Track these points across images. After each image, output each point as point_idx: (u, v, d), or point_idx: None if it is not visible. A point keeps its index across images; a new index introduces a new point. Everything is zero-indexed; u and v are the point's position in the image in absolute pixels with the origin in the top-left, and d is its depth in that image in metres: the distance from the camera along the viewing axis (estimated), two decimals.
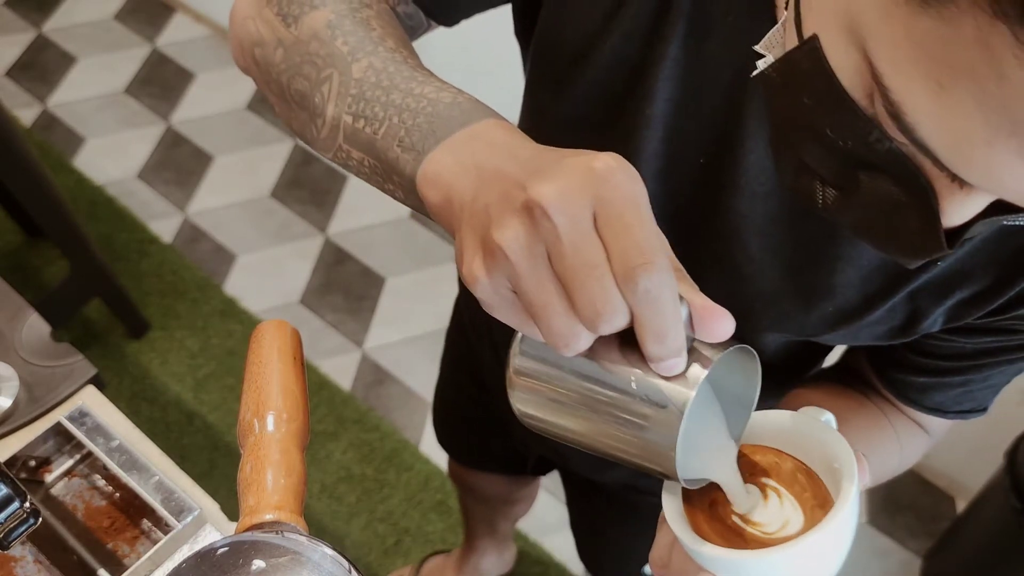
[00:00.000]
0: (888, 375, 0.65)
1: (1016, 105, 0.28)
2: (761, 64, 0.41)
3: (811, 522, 0.47)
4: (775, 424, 0.51)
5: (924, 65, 0.30)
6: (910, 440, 0.68)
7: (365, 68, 0.48)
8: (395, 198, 0.48)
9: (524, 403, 0.44)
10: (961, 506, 1.78)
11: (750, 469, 0.51)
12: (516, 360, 0.43)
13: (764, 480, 0.50)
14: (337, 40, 0.49)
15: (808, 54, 0.36)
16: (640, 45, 0.51)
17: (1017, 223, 0.37)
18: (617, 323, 0.36)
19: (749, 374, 0.45)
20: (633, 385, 0.39)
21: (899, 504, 1.80)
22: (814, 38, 0.36)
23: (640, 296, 0.35)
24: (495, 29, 0.91)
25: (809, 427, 0.50)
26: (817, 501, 0.48)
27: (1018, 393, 1.50)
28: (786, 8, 0.43)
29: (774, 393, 0.71)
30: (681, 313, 0.37)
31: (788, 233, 0.54)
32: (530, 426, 0.45)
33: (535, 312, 0.37)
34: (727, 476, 0.48)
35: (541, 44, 0.57)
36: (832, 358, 0.75)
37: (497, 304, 0.38)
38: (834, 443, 0.48)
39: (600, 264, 0.35)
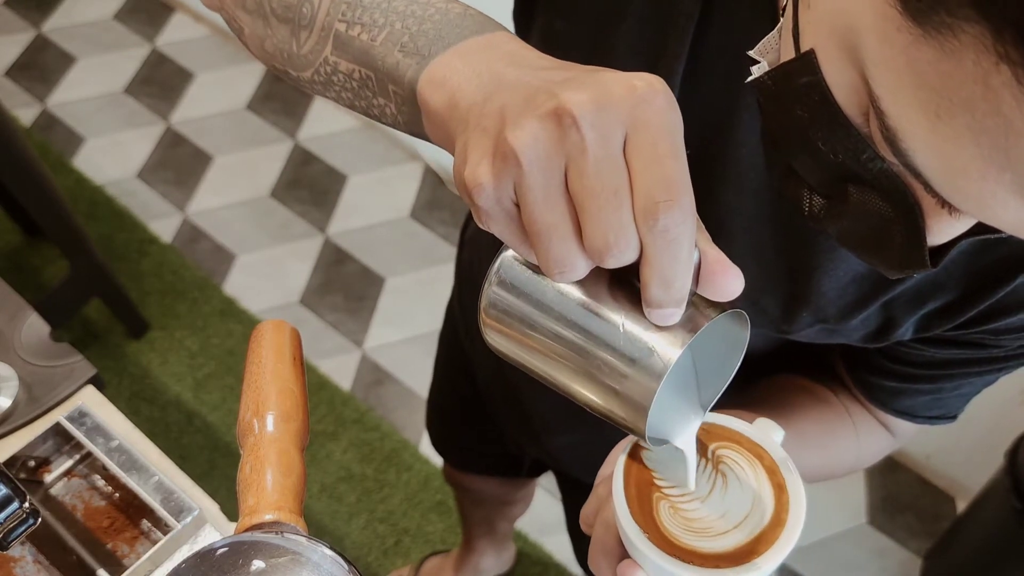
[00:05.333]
0: (860, 376, 0.65)
1: (1012, 143, 0.28)
2: (756, 70, 0.40)
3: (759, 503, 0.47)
4: (737, 425, 0.51)
5: (922, 94, 0.30)
6: (871, 440, 0.68)
7: None
8: (382, 116, 0.44)
9: (498, 335, 0.41)
10: (961, 506, 1.78)
11: (706, 438, 0.50)
12: (494, 289, 0.40)
13: (721, 451, 0.50)
14: None
15: (804, 68, 0.36)
16: (654, 34, 0.50)
17: (1000, 236, 0.37)
18: (626, 259, 0.33)
19: (734, 343, 0.42)
20: (621, 329, 0.37)
21: (899, 504, 1.80)
22: (811, 53, 0.35)
23: (657, 234, 0.33)
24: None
25: (768, 444, 0.50)
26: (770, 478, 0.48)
27: (1019, 393, 1.50)
28: (782, 13, 0.42)
29: (748, 380, 0.71)
30: (693, 261, 0.35)
31: (772, 235, 0.54)
32: (504, 357, 0.42)
33: (536, 231, 0.34)
34: (688, 444, 0.46)
35: (548, 33, 0.55)
36: None
37: (496, 216, 0.35)
38: (786, 472, 0.48)
39: (622, 191, 0.32)
